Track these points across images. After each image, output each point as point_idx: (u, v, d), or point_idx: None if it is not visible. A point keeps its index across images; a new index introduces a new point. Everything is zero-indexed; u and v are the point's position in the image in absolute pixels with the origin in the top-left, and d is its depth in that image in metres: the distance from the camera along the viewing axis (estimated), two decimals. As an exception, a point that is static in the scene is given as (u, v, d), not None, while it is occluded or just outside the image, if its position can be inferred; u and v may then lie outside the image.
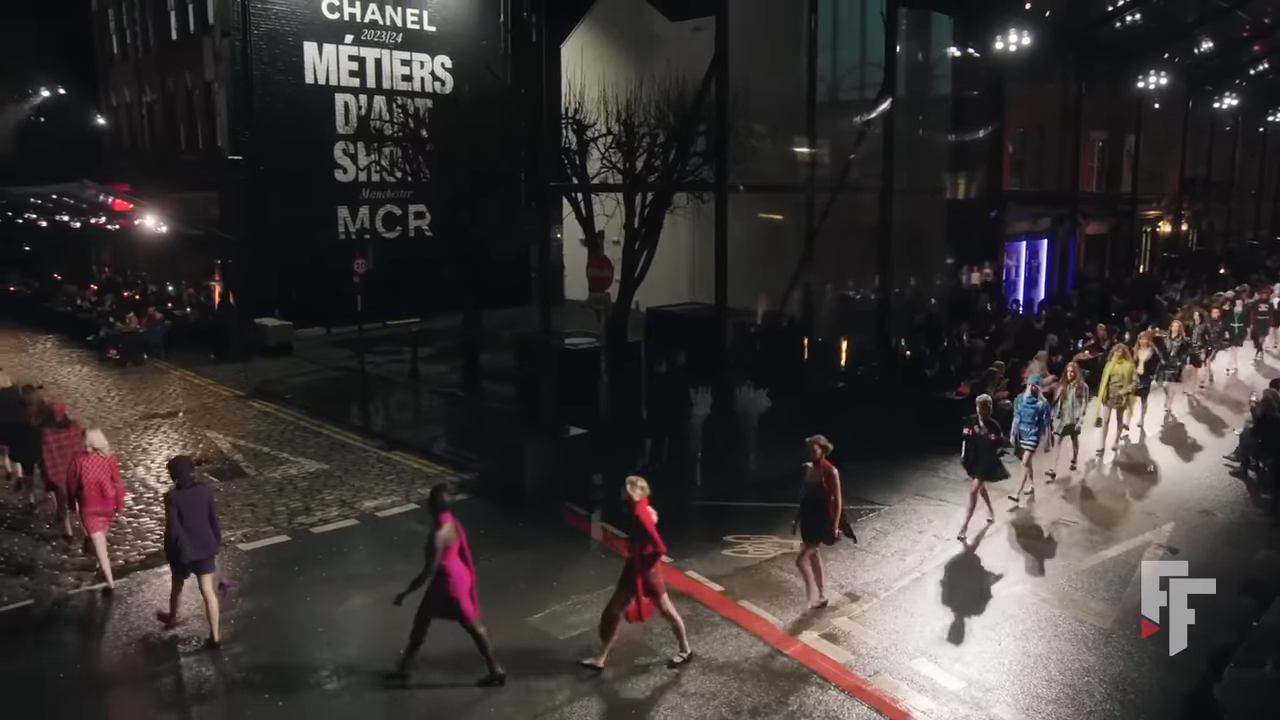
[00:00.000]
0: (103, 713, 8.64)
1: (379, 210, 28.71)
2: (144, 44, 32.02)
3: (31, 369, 23.55)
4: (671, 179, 15.88)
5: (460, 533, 8.73)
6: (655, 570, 8.84)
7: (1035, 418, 12.90)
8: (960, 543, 11.71)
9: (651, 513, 8.89)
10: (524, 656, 9.08)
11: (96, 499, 10.55)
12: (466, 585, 8.63)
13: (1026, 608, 9.87)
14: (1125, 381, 14.80)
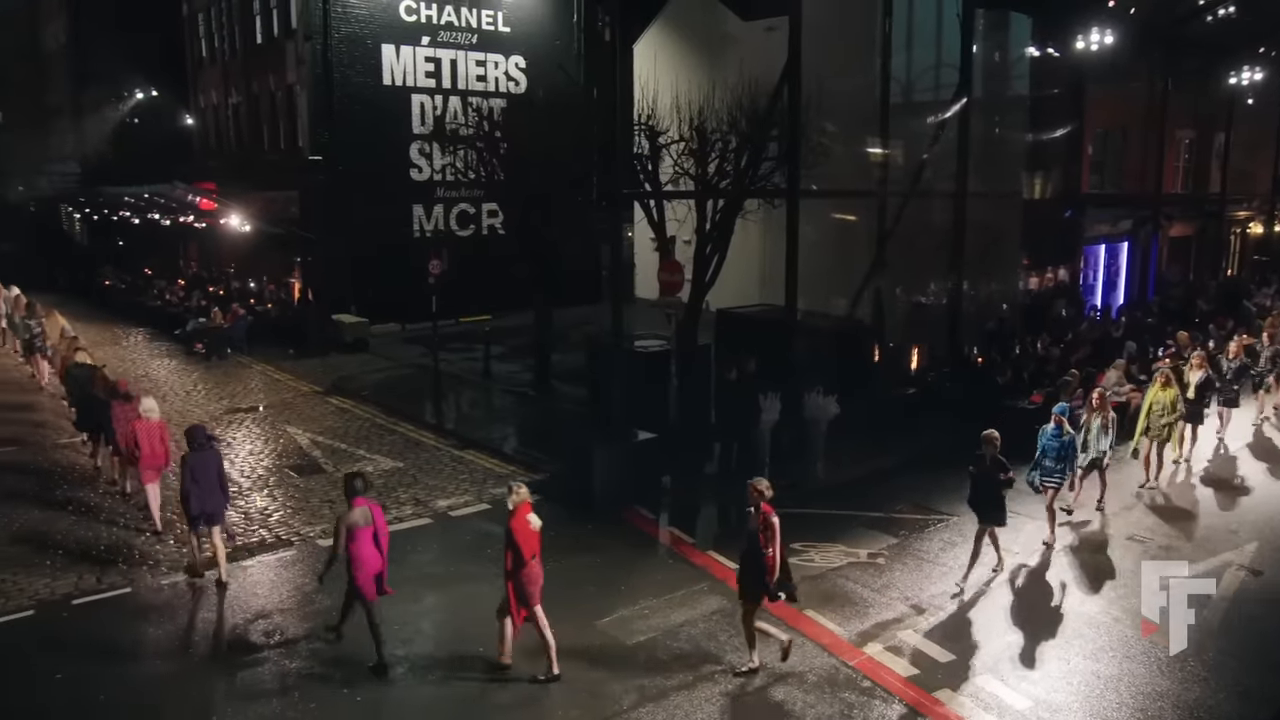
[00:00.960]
0: (198, 694, 9.04)
1: (453, 209, 29.23)
2: (230, 48, 33.06)
3: (125, 361, 24.57)
4: (743, 184, 15.91)
5: (376, 518, 9.20)
6: (525, 580, 8.84)
7: (1060, 452, 11.66)
8: (1030, 556, 11.58)
9: (530, 520, 8.93)
10: (591, 659, 9.27)
11: (149, 456, 12.34)
12: (373, 569, 9.10)
13: (1097, 627, 9.72)
14: (1168, 411, 13.56)
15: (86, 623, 10.31)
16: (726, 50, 27.17)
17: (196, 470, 10.84)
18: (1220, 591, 10.26)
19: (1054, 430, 11.73)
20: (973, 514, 10.92)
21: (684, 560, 11.69)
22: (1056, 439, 11.70)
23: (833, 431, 14.83)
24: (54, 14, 50.34)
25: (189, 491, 10.79)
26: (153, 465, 12.42)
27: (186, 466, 10.84)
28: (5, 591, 10.97)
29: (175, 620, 10.41)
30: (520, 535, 8.85)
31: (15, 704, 8.77)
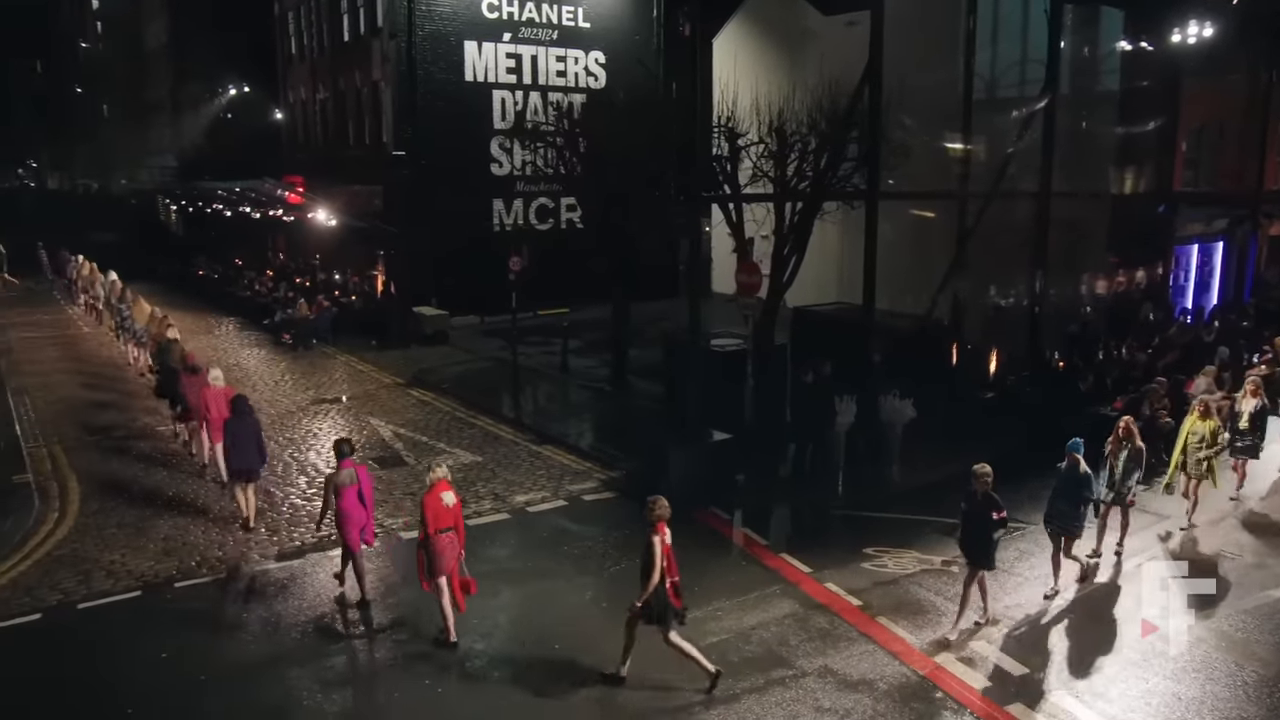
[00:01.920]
0: (288, 679, 9.47)
1: (532, 203, 29.65)
2: (319, 45, 33.97)
3: (217, 350, 25.57)
4: (822, 187, 15.86)
5: (362, 478, 10.51)
6: (431, 552, 9.49)
7: (1077, 493, 10.38)
8: (1109, 568, 11.39)
9: (443, 498, 9.50)
10: (664, 659, 9.39)
11: (217, 419, 13.72)
12: (358, 523, 10.42)
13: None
14: (1206, 444, 12.27)
15: (187, 605, 10.89)
16: (806, 45, 27.01)
17: (237, 434, 12.71)
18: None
19: (1069, 467, 10.44)
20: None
21: (757, 562, 11.79)
22: (1071, 480, 10.42)
23: (909, 434, 14.75)
24: (155, 14, 52.30)
25: (230, 451, 12.79)
26: (219, 426, 13.67)
27: (229, 430, 12.83)
28: (114, 573, 11.63)
29: (266, 606, 10.89)
30: (429, 510, 9.50)
31: (125, 680, 9.30)
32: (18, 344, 27.00)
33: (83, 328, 30.05)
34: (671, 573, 8.74)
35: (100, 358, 25.12)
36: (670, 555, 8.74)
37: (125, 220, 56.86)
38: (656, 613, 8.76)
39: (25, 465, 15.79)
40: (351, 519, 10.37)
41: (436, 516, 9.49)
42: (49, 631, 10.33)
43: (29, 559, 12.10)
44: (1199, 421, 12.39)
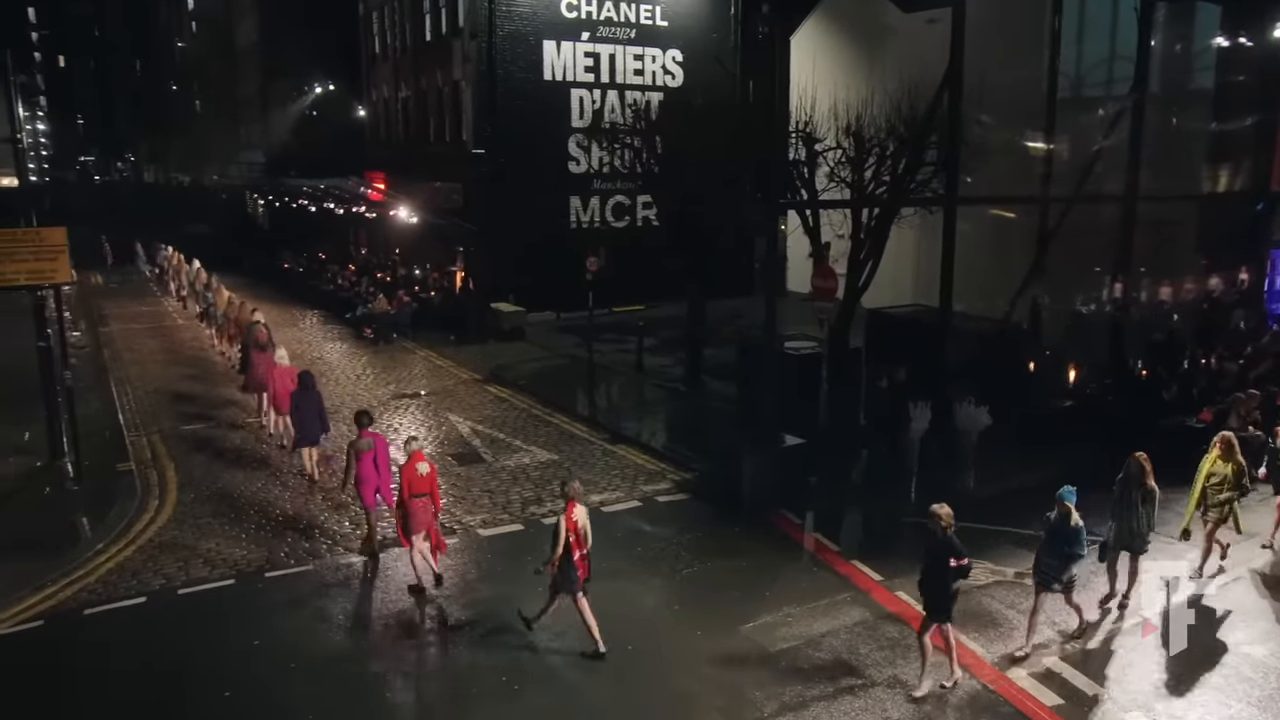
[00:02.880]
0: (372, 671, 9.88)
1: (609, 201, 29.92)
2: (401, 45, 34.75)
3: (302, 343, 26.41)
4: (900, 191, 15.77)
5: (378, 445, 12.07)
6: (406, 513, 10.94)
7: (1064, 548, 9.40)
8: (1193, 586, 11.12)
9: (418, 468, 10.93)
10: (734, 664, 9.61)
11: (284, 394, 15.50)
12: (373, 485, 11.95)
13: (1267, 672, 9.30)
14: (1228, 486, 11.05)
15: (278, 594, 11.41)
16: (885, 42, 26.74)
17: (302, 406, 14.74)
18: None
19: (1058, 518, 9.43)
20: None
21: (828, 569, 11.86)
22: (1060, 533, 9.42)
23: (984, 442, 14.59)
24: (246, 13, 53.97)
25: (294, 420, 14.93)
26: (285, 399, 15.50)
27: (294, 402, 14.82)
28: (211, 560, 12.24)
29: (352, 599, 11.36)
30: (405, 478, 10.97)
31: (222, 664, 9.80)
32: (119, 335, 28.26)
33: (177, 319, 31.32)
34: (578, 545, 9.63)
35: (193, 348, 26.18)
36: (577, 530, 9.64)
37: (216, 213, 58.94)
38: (557, 582, 9.73)
39: (128, 454, 16.60)
40: (368, 481, 11.96)
41: (410, 484, 10.89)
42: (153, 614, 10.94)
43: (133, 544, 12.80)
44: (1219, 461, 11.11)
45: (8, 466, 15.81)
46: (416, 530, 10.99)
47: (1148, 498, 10.27)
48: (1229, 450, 11.12)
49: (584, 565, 9.69)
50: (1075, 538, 9.34)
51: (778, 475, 13.87)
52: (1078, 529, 9.34)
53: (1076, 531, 9.34)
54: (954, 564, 8.90)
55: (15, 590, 11.31)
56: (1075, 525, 9.34)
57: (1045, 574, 9.59)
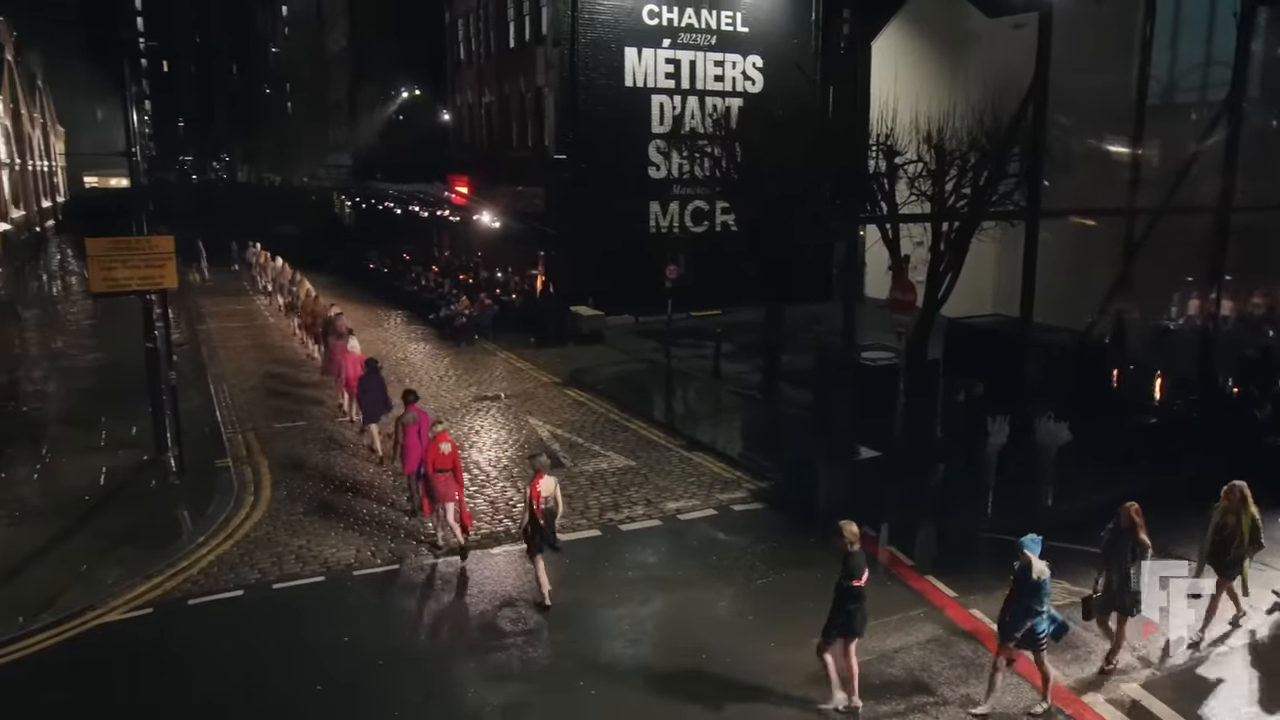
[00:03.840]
0: (455, 672, 10.29)
1: (688, 206, 30.14)
2: (485, 52, 35.48)
3: (386, 343, 27.20)
4: (981, 205, 15.66)
5: (422, 420, 13.40)
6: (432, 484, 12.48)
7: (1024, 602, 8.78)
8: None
9: (441, 448, 12.40)
10: (806, 677, 9.70)
11: (353, 376, 17.77)
12: (415, 456, 13.17)
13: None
14: (1243, 539, 10.08)
15: (366, 592, 11.91)
16: (969, 48, 26.48)
17: (368, 387, 16.87)
18: None
19: (1020, 569, 8.80)
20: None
21: (902, 583, 11.90)
22: (1021, 582, 8.81)
23: (1064, 458, 14.43)
24: (337, 20, 55.57)
25: (362, 400, 17.02)
26: (355, 381, 17.56)
27: (362, 385, 16.96)
28: (302, 557, 12.81)
29: (435, 600, 11.82)
30: (429, 455, 12.51)
31: (313, 659, 10.31)
32: (215, 333, 29.46)
33: (268, 317, 32.47)
34: (540, 514, 11.00)
35: (284, 347, 27.15)
36: (539, 497, 11.02)
37: (305, 213, 60.80)
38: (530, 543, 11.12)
39: (225, 450, 17.39)
40: (412, 450, 13.34)
41: (434, 461, 12.44)
42: (250, 607, 11.53)
43: (231, 539, 13.45)
44: (1228, 513, 10.11)
45: (117, 460, 16.70)
46: (443, 500, 12.53)
47: (1140, 553, 9.36)
48: (1241, 501, 10.07)
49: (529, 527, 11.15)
50: (1035, 591, 8.74)
51: (853, 487, 13.95)
52: (1039, 583, 8.73)
53: (1038, 585, 8.73)
54: (849, 584, 8.84)
55: (128, 578, 12.04)
56: (1037, 579, 8.71)
57: (1002, 628, 9.00)
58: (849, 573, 8.90)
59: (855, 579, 8.87)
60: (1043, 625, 8.83)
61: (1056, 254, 18.36)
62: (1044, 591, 8.76)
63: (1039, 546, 8.80)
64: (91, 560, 12.58)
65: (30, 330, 30.43)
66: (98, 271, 15.07)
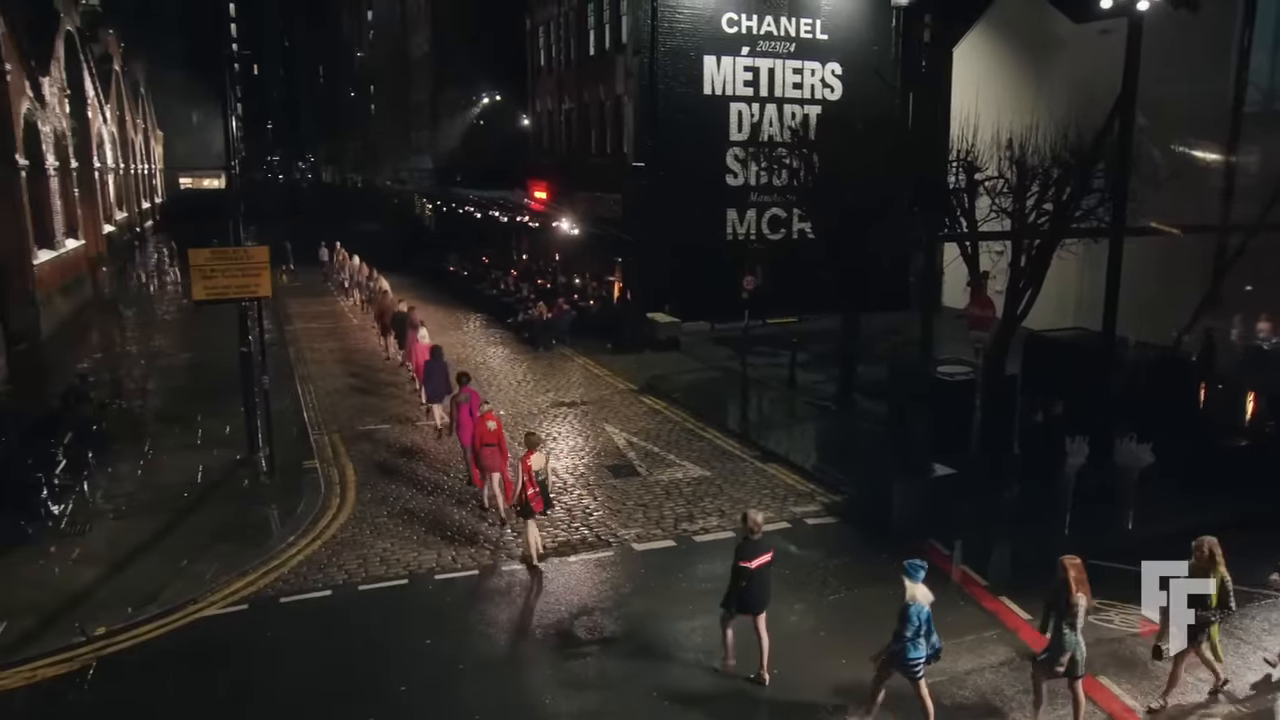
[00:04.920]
0: (533, 678, 10.61)
1: (765, 213, 30.16)
2: (565, 59, 36.00)
3: (465, 347, 27.84)
4: (1064, 220, 15.44)
5: (473, 399, 15.28)
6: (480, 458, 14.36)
7: (898, 632, 8.85)
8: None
9: (488, 425, 14.09)
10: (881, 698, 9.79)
11: (420, 362, 19.97)
12: (468, 430, 14.97)
13: None
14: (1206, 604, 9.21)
15: (447, 596, 12.34)
16: (1054, 54, 26.03)
17: (432, 371, 18.78)
18: None
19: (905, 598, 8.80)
20: None
21: (975, 603, 11.88)
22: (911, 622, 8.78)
23: (1146, 479, 14.18)
24: (419, 25, 56.83)
25: (427, 382, 19.06)
26: (421, 366, 19.71)
27: (428, 369, 18.93)
28: (386, 560, 13.30)
29: (513, 606, 12.16)
30: (477, 431, 14.40)
31: (397, 660, 10.73)
32: (301, 334, 30.49)
33: (351, 318, 33.44)
34: (530, 484, 12.44)
35: (368, 349, 27.95)
36: (529, 470, 12.47)
37: (387, 215, 62.30)
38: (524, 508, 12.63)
39: (313, 451, 18.08)
40: (465, 425, 15.24)
41: (481, 436, 14.26)
42: (338, 607, 12.04)
43: (319, 540, 14.03)
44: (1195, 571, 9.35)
45: (213, 458, 17.50)
46: (490, 470, 14.33)
47: (1067, 611, 8.82)
48: (1210, 559, 9.32)
49: (538, 500, 12.57)
50: (901, 617, 8.75)
51: (927, 504, 13.89)
52: (904, 609, 8.74)
53: (903, 612, 8.73)
54: (738, 564, 9.88)
55: (225, 574, 12.68)
56: (904, 605, 8.75)
57: (888, 661, 9.06)
58: (739, 554, 9.99)
59: (743, 560, 9.89)
60: (914, 653, 8.81)
61: (1141, 265, 17.95)
62: (908, 617, 8.75)
63: (920, 573, 8.88)
64: (191, 555, 13.26)
65: (131, 329, 31.87)
66: (199, 280, 15.82)
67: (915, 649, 8.82)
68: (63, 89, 34.58)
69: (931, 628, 8.91)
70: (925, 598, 8.85)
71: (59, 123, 33.25)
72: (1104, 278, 15.53)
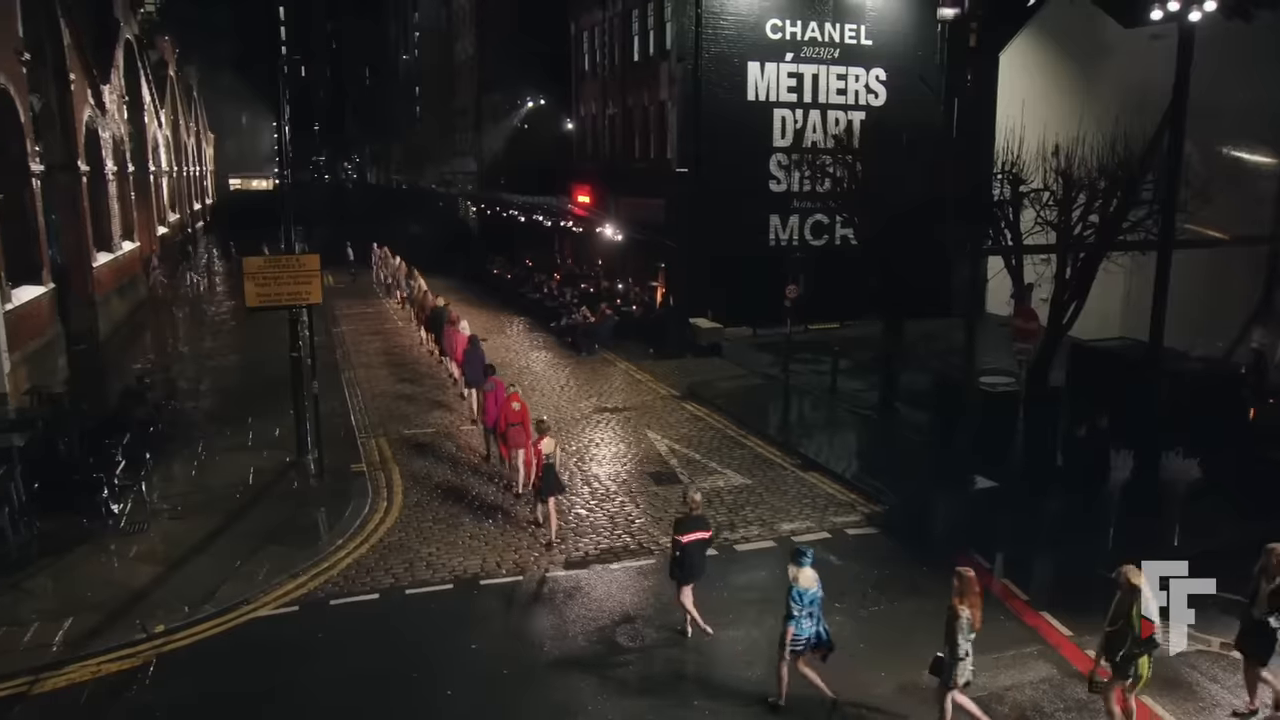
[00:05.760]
0: (575, 684, 10.81)
1: (808, 219, 30.21)
2: (609, 64, 36.23)
3: (509, 350, 28.15)
4: (1110, 233, 15.34)
5: (498, 387, 16.70)
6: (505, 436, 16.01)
7: (788, 610, 9.52)
8: None
9: (513, 405, 15.71)
10: (914, 712, 9.86)
11: (459, 351, 21.43)
12: (494, 413, 16.45)
13: None
14: (1135, 639, 8.73)
15: (491, 602, 12.54)
16: (1102, 60, 25.76)
17: (471, 359, 20.21)
18: None
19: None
20: None
21: (1015, 619, 11.87)
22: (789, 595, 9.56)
23: (1192, 493, 14.09)
24: (464, 29, 57.43)
25: (466, 369, 20.44)
26: (461, 355, 21.21)
27: (466, 357, 20.47)
28: (432, 565, 13.57)
29: (556, 612, 12.32)
30: (503, 412, 15.93)
31: (444, 664, 10.98)
32: (349, 335, 31.00)
33: (398, 321, 33.89)
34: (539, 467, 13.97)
35: (413, 353, 28.35)
36: (540, 454, 13.86)
37: (431, 217, 62.98)
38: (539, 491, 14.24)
39: (360, 455, 18.44)
40: (490, 410, 16.77)
41: (506, 416, 15.84)
42: (385, 610, 12.31)
43: (367, 543, 14.34)
44: (1121, 602, 8.91)
45: (263, 460, 17.92)
46: (514, 446, 15.83)
47: (950, 622, 8.82)
48: (1130, 590, 8.78)
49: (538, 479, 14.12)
50: (789, 596, 9.59)
51: (968, 517, 13.91)
52: (793, 590, 9.54)
53: (790, 591, 9.57)
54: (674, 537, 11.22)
55: (276, 575, 13.02)
56: (790, 585, 9.58)
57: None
58: (676, 529, 11.27)
59: (678, 535, 11.14)
60: (798, 630, 9.59)
61: (1190, 274, 17.77)
62: (798, 599, 9.51)
63: (804, 559, 9.70)
64: (243, 556, 13.63)
65: (183, 329, 32.64)
66: (252, 288, 16.24)
67: (799, 628, 9.56)
68: (121, 96, 35.50)
69: (819, 614, 9.69)
70: (808, 581, 9.57)
71: (117, 129, 34.16)
72: (1151, 285, 15.40)
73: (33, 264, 22.18)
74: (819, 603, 9.63)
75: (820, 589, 9.69)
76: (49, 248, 23.70)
